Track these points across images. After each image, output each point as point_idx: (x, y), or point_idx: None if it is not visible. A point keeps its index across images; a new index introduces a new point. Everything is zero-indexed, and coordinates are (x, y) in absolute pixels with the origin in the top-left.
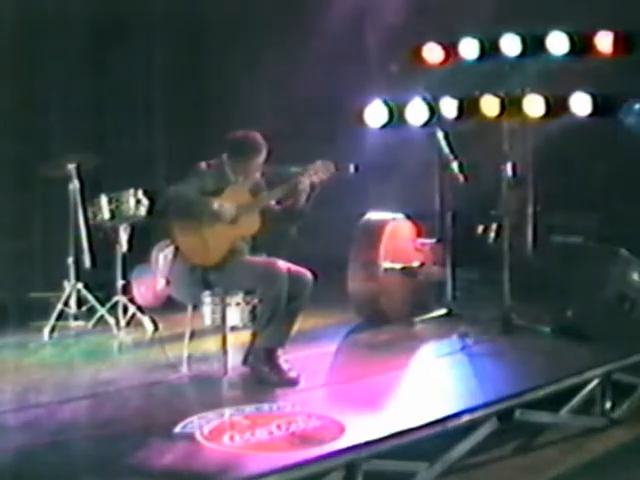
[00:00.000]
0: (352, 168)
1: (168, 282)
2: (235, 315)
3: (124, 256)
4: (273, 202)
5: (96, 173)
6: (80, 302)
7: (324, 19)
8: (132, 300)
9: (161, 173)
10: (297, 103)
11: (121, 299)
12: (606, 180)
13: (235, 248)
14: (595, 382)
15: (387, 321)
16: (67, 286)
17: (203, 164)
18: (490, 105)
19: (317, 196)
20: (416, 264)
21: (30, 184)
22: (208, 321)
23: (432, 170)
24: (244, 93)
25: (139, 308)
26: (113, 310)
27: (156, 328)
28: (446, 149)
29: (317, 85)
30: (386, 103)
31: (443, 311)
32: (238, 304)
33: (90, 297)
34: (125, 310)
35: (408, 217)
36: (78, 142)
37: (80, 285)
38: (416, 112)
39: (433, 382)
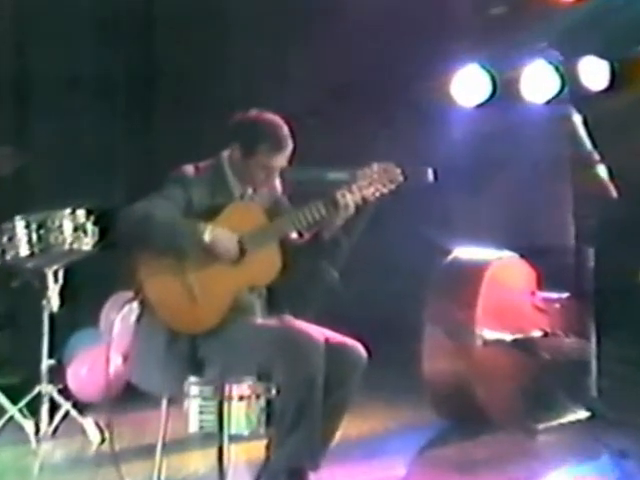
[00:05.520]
0: (429, 174)
1: (126, 359)
2: (239, 415)
3: (53, 317)
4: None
5: (9, 181)
6: None
7: None
8: (65, 391)
9: (119, 181)
10: (342, 74)
11: (46, 390)
12: None
13: (240, 304)
14: None
15: (488, 426)
16: None
17: (189, 168)
18: None
19: (372, 220)
20: (536, 333)
21: None
22: (194, 425)
23: (562, 176)
24: (261, 61)
25: (76, 405)
26: (32, 408)
27: (103, 438)
28: (586, 142)
29: (375, 46)
30: (486, 69)
31: (583, 413)
32: (243, 398)
33: None
34: (53, 408)
35: (522, 256)
36: None
37: None
38: (536, 81)
39: None
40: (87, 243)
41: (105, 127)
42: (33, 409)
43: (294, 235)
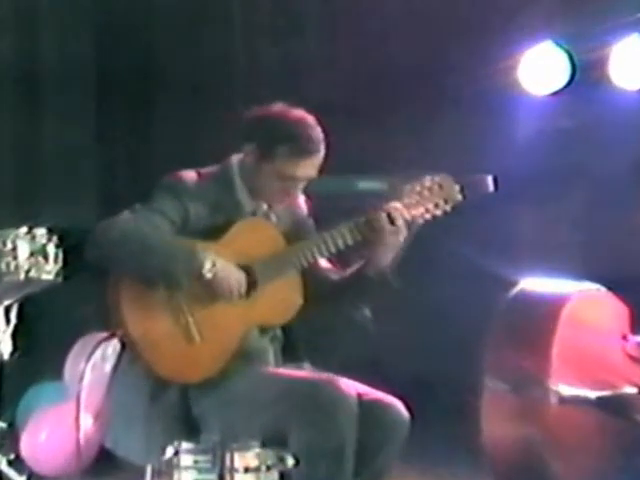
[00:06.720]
0: (489, 183)
1: (99, 419)
2: None
3: (3, 367)
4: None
5: None
6: None
7: None
8: (16, 462)
9: (90, 193)
10: (375, 58)
11: None
12: None
13: (248, 349)
14: None
15: None
16: None
17: (188, 174)
18: None
19: (414, 243)
20: (629, 389)
21: None
22: None
23: None
24: (271, 46)
25: (30, 478)
26: None
27: None
28: None
29: (416, 20)
30: (563, 47)
31: None
32: (250, 470)
33: None
34: None
35: (609, 288)
36: None
37: None
38: (628, 63)
39: None
40: (48, 271)
41: (73, 125)
42: None
43: (324, 263)
